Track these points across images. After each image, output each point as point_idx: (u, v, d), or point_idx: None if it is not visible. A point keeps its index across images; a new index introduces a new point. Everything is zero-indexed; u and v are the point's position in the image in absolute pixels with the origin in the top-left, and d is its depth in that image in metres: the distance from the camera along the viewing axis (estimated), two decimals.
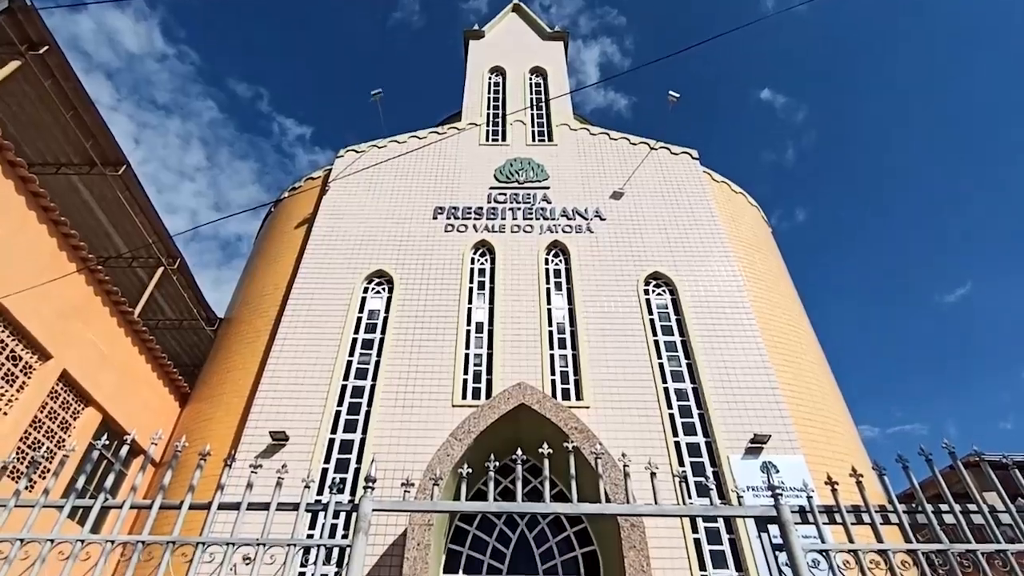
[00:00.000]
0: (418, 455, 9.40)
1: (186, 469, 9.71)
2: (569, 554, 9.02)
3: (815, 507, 3.38)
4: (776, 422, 10.26)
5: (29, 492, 7.94)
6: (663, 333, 11.91)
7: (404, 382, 10.94)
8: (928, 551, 3.11)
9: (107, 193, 11.82)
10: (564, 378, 11.18)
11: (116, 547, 3.12)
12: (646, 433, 10.15)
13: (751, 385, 10.86)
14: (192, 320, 14.55)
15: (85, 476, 3.46)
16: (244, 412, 10.68)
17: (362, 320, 12.18)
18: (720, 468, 9.76)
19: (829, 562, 3.11)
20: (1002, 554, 3.09)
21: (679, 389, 10.99)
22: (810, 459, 9.76)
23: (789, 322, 12.81)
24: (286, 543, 3.18)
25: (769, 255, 14.67)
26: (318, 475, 9.66)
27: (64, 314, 9.36)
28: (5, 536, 3.14)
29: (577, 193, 14.67)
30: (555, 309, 12.38)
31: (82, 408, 9.82)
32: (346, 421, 10.55)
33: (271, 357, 11.35)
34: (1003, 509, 3.25)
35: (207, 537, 3.20)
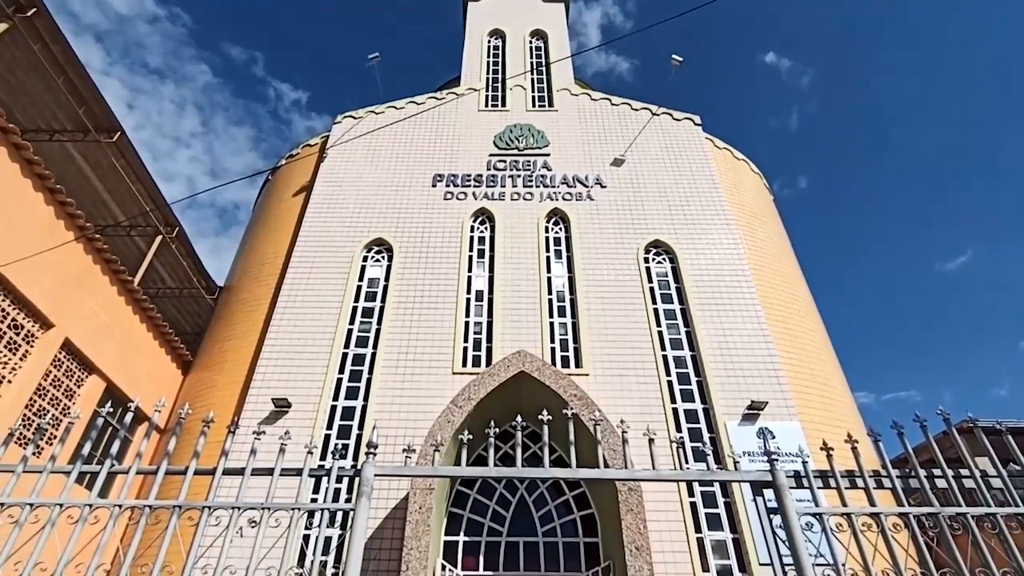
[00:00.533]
0: (419, 422, 9.52)
1: (190, 436, 9.85)
2: (568, 517, 9.23)
3: (810, 472, 3.43)
4: (773, 389, 10.36)
5: (37, 458, 8.06)
6: (663, 301, 11.94)
7: (404, 350, 11.01)
8: (919, 514, 3.18)
9: (102, 160, 11.68)
10: (564, 346, 11.25)
11: (124, 511, 3.18)
12: (645, 400, 10.27)
13: (749, 353, 10.93)
14: (192, 289, 14.56)
15: (91, 443, 3.51)
16: (246, 379, 10.78)
17: (362, 288, 12.19)
18: (717, 434, 9.91)
19: (822, 525, 3.17)
20: (991, 517, 3.15)
21: (678, 357, 11.07)
22: (806, 425, 9.89)
23: (788, 290, 12.82)
24: (290, 507, 3.24)
25: (770, 223, 14.60)
26: (321, 441, 9.81)
27: (64, 283, 9.36)
28: (15, 501, 3.20)
29: (578, 160, 14.51)
30: (555, 277, 12.38)
31: (86, 376, 9.90)
32: (347, 388, 10.66)
33: (272, 325, 11.40)
34: (995, 474, 3.30)
35: (213, 501, 3.26)
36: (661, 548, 8.34)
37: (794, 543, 3.12)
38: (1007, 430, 3.54)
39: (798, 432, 9.70)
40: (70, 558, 2.96)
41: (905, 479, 3.35)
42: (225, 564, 2.99)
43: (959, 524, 3.13)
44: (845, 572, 3.01)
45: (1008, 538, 3.06)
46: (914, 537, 3.10)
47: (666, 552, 8.46)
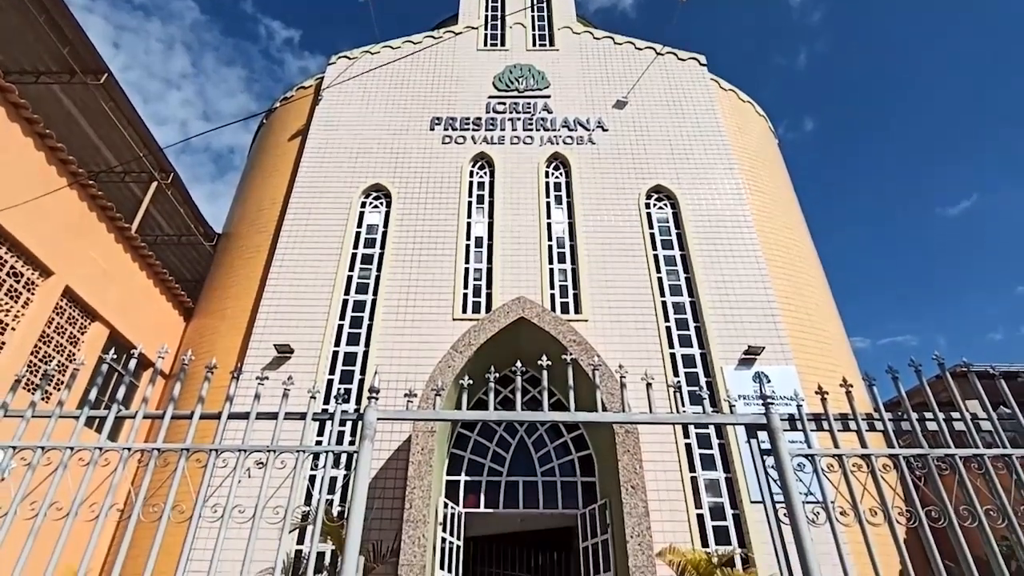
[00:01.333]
0: (420, 367, 9.67)
1: (194, 381, 10.01)
2: (566, 458, 9.50)
3: (804, 415, 3.50)
4: (771, 334, 10.47)
5: (45, 403, 8.23)
6: (663, 247, 11.90)
7: (404, 296, 11.06)
8: (908, 455, 3.26)
9: (91, 103, 11.38)
10: (563, 292, 11.29)
11: (133, 454, 3.26)
12: (643, 345, 10.39)
13: (748, 298, 10.99)
14: (190, 236, 14.48)
15: (97, 388, 3.56)
16: (248, 326, 10.88)
17: (361, 235, 12.13)
18: (714, 378, 10.07)
19: (814, 465, 3.26)
20: (979, 458, 3.23)
21: (677, 303, 11.13)
22: (802, 370, 10.05)
23: (789, 235, 12.76)
24: (295, 449, 3.32)
25: (774, 167, 14.38)
26: (324, 386, 9.99)
27: (61, 230, 9.30)
28: (27, 444, 3.27)
29: (579, 102, 14.15)
30: (555, 223, 12.30)
31: (88, 323, 9.98)
32: (349, 334, 10.76)
33: (272, 272, 11.40)
34: (985, 417, 3.37)
35: (220, 444, 3.34)
36: (656, 487, 8.63)
37: (786, 482, 3.21)
38: (1000, 374, 3.58)
39: (794, 376, 9.86)
40: (84, 498, 3.05)
41: (897, 422, 3.42)
42: (234, 503, 3.09)
43: (947, 465, 3.22)
44: (834, 509, 3.11)
45: (993, 478, 3.15)
46: (902, 477, 3.19)
47: (661, 490, 8.76)
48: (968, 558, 2.94)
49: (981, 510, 3.03)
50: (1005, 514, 3.06)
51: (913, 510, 3.07)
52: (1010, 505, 3.07)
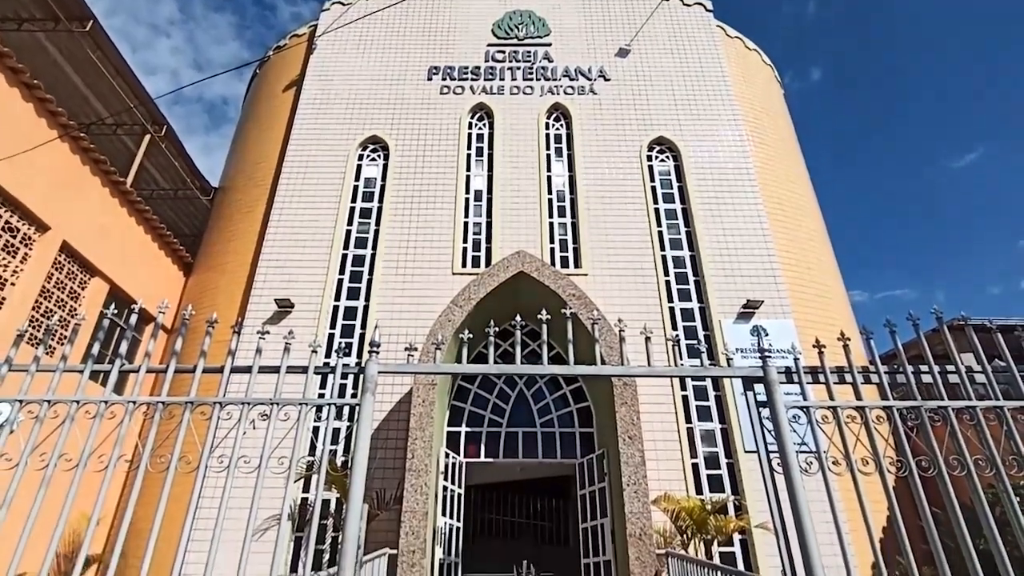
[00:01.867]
0: (420, 321, 9.72)
1: (196, 336, 10.07)
2: (565, 409, 9.68)
3: (800, 368, 3.54)
4: (770, 288, 10.49)
5: (49, 358, 8.31)
6: (664, 201, 11.79)
7: (404, 250, 11.03)
8: (902, 407, 3.31)
9: (77, 52, 11.04)
10: (563, 246, 11.25)
11: (139, 407, 3.31)
12: (642, 299, 10.43)
13: (749, 252, 10.96)
14: (187, 190, 14.30)
15: (99, 343, 3.58)
16: (248, 281, 10.89)
17: (359, 188, 11.99)
18: (712, 332, 10.16)
19: (808, 417, 3.31)
20: (971, 409, 3.28)
21: (677, 256, 11.11)
22: (800, 323, 10.12)
23: (792, 188, 12.62)
24: (298, 402, 3.37)
25: (778, 118, 14.09)
26: (325, 340, 10.07)
27: (56, 185, 9.18)
28: (33, 397, 3.32)
29: (580, 50, 13.74)
30: (555, 176, 12.15)
31: (88, 278, 9.98)
32: (349, 289, 10.78)
33: (270, 227, 11.33)
34: (980, 370, 3.40)
35: (224, 397, 3.38)
36: (652, 437, 8.81)
37: (780, 433, 3.27)
38: (996, 328, 3.60)
39: (791, 330, 9.94)
40: (92, 449, 3.12)
41: (893, 375, 3.46)
42: (240, 454, 3.15)
43: (939, 416, 3.27)
44: (827, 459, 3.18)
45: (984, 428, 3.21)
46: (895, 429, 3.25)
47: (657, 440, 8.95)
48: (955, 505, 3.02)
49: (970, 460, 3.11)
50: (993, 463, 3.13)
51: (904, 460, 3.14)
52: (999, 455, 3.13)
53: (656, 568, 7.30)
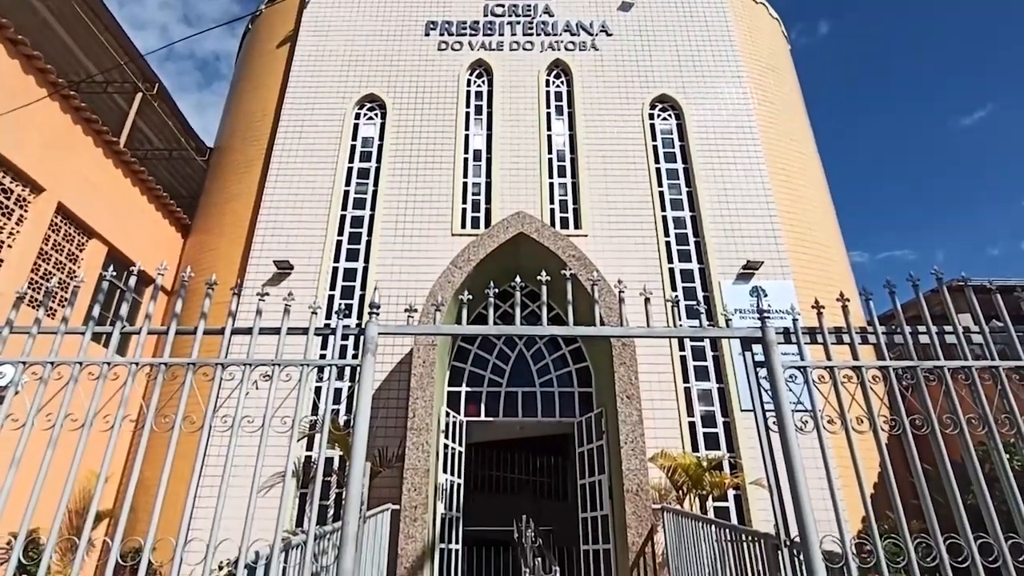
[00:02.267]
0: (419, 282, 9.72)
1: (195, 298, 10.05)
2: (564, 370, 9.78)
3: (799, 329, 3.56)
4: (770, 249, 10.47)
5: (50, 320, 8.35)
6: (665, 160, 11.65)
7: (403, 211, 10.95)
8: (898, 367, 3.34)
9: (64, 8, 10.72)
10: (563, 207, 11.17)
11: (141, 368, 3.34)
12: (642, 260, 10.42)
13: (749, 213, 10.89)
14: (181, 150, 14.09)
15: (99, 305, 3.58)
16: (247, 242, 10.85)
17: (356, 148, 11.82)
18: (711, 293, 10.18)
19: (805, 377, 3.35)
20: (966, 369, 3.31)
21: (677, 217, 11.04)
22: (799, 284, 10.13)
23: (795, 148, 12.44)
24: (299, 363, 3.40)
25: (784, 75, 13.78)
26: (324, 302, 10.10)
27: (48, 145, 9.04)
28: (37, 359, 3.34)
29: (582, 4, 13.33)
30: (555, 135, 11.96)
31: (86, 240, 9.93)
32: (348, 250, 10.75)
33: (267, 188, 11.22)
34: (977, 330, 3.42)
35: (225, 359, 3.41)
36: (650, 396, 8.92)
37: (777, 392, 3.31)
38: (996, 288, 3.61)
39: (791, 291, 9.96)
40: (97, 410, 3.16)
41: (890, 335, 3.48)
42: (243, 414, 3.20)
43: (935, 376, 3.31)
44: (822, 418, 3.23)
45: (978, 388, 3.25)
46: (890, 388, 3.29)
47: (655, 400, 9.08)
48: (946, 461, 3.09)
49: (963, 418, 3.16)
50: (985, 421, 3.18)
51: (898, 418, 3.19)
52: (991, 413, 3.18)
53: (652, 522, 7.51)
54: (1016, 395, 3.23)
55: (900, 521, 3.00)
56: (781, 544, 3.34)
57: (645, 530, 7.43)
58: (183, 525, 2.95)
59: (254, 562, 3.10)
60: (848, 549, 2.95)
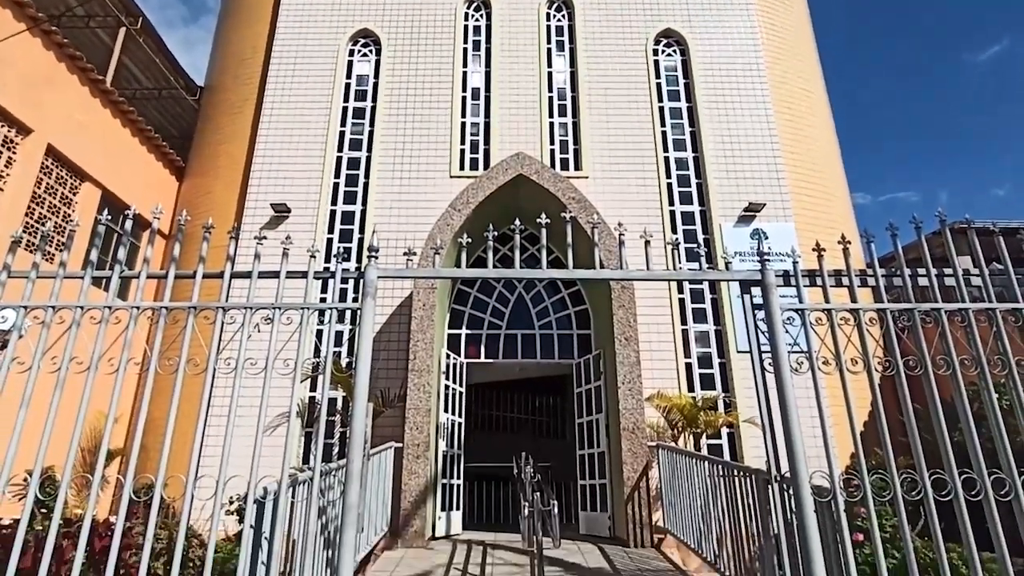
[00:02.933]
0: (418, 225, 9.65)
1: (193, 242, 10.02)
2: (563, 312, 9.86)
3: (799, 271, 3.56)
4: (772, 191, 10.34)
5: (49, 264, 8.33)
6: (669, 99, 11.33)
7: (400, 153, 10.74)
8: (895, 309, 3.36)
9: None
10: (563, 147, 10.95)
11: (143, 312, 3.36)
12: (643, 202, 10.31)
13: (753, 154, 10.69)
14: (171, 89, 13.68)
15: (97, 249, 3.56)
16: (243, 185, 10.69)
17: (351, 87, 11.47)
18: (712, 235, 10.13)
19: (803, 319, 3.37)
20: (963, 312, 3.34)
21: (679, 158, 10.84)
22: (801, 227, 10.06)
23: (802, 85, 12.07)
24: (300, 306, 3.42)
25: (794, 6, 13.19)
26: (323, 245, 10.05)
27: (32, 84, 8.77)
28: (38, 303, 3.36)
29: None
30: (556, 72, 11.58)
31: (79, 183, 9.79)
32: (345, 193, 10.61)
33: (261, 129, 10.96)
34: (977, 272, 3.42)
35: (226, 303, 3.43)
36: (648, 338, 9.03)
37: (774, 334, 3.35)
38: (999, 230, 3.58)
39: (792, 233, 9.91)
40: (101, 353, 3.19)
41: (890, 277, 3.48)
42: (246, 357, 3.24)
43: (931, 319, 3.33)
44: (817, 359, 3.27)
45: (974, 330, 3.28)
46: (887, 330, 3.32)
47: (652, 341, 9.19)
48: (937, 401, 3.15)
49: (956, 359, 3.20)
50: (978, 361, 3.23)
51: (892, 359, 3.24)
52: (985, 355, 3.23)
53: (647, 459, 7.76)
54: (1011, 337, 3.26)
55: (888, 457, 3.09)
56: (772, 479, 3.46)
57: (640, 466, 7.69)
58: (192, 463, 3.04)
59: (263, 497, 3.22)
60: (836, 484, 3.06)
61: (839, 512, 3.01)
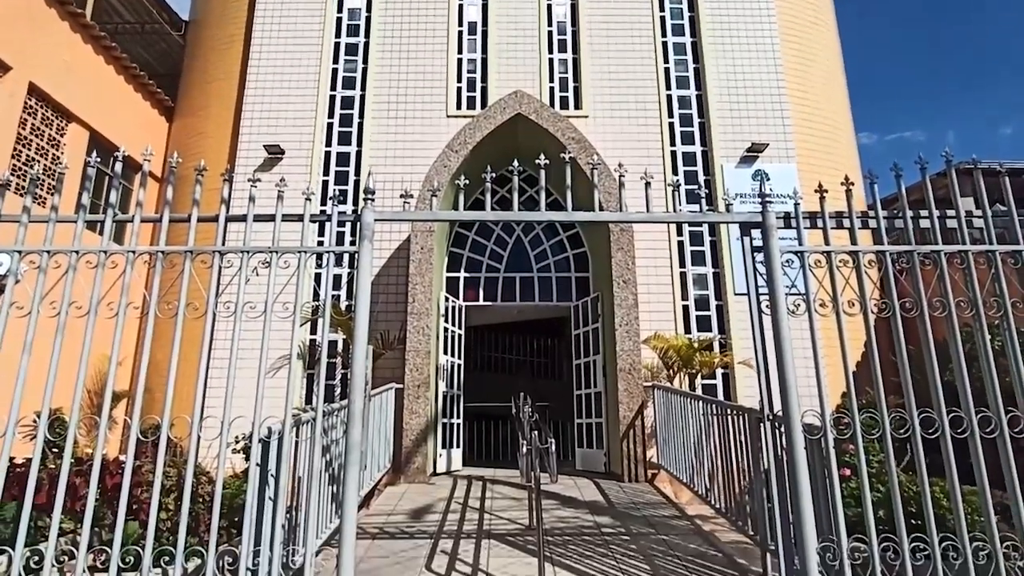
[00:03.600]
0: (415, 167, 9.48)
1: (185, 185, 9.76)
2: (561, 255, 9.84)
3: (799, 213, 3.52)
4: (776, 131, 10.12)
5: (41, 208, 8.22)
6: (673, 33, 10.90)
7: (395, 91, 10.42)
8: (894, 252, 3.35)
9: None
10: (563, 85, 10.62)
11: (139, 256, 3.34)
12: (644, 142, 10.10)
13: (758, 92, 10.39)
14: (154, 24, 13.12)
15: (88, 193, 3.50)
16: (234, 126, 10.42)
17: (343, 21, 10.99)
18: (713, 177, 9.99)
19: (802, 261, 3.37)
20: (963, 254, 3.33)
21: (682, 96, 10.54)
22: (804, 168, 9.90)
23: (811, 17, 11.59)
24: (297, 250, 3.40)
25: None
26: (319, 188, 9.89)
27: (7, 19, 8.39)
28: (34, 248, 3.33)
29: None
30: (556, 4, 11.09)
31: (65, 124, 9.53)
32: (339, 133, 10.37)
33: (251, 67, 10.58)
34: (979, 214, 3.39)
35: (223, 246, 3.40)
36: (646, 281, 9.05)
37: (772, 277, 3.35)
38: (1005, 171, 3.53)
39: (794, 174, 9.77)
40: (100, 298, 3.20)
41: (891, 219, 3.45)
42: (245, 300, 3.25)
43: (931, 261, 3.33)
44: (814, 301, 3.29)
45: (972, 272, 3.28)
46: (885, 272, 3.33)
47: (650, 284, 9.21)
48: (930, 342, 3.19)
49: (952, 301, 3.22)
50: (974, 303, 3.25)
51: (889, 301, 3.26)
52: (981, 296, 3.24)
53: (643, 398, 7.94)
54: (1009, 280, 3.27)
55: (879, 396, 3.16)
56: (764, 417, 3.55)
57: (636, 405, 7.87)
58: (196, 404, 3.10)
59: (267, 437, 3.30)
60: (827, 422, 3.14)
61: (828, 448, 3.10)
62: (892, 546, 2.96)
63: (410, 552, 4.66)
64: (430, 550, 4.73)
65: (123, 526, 2.93)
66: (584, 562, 4.41)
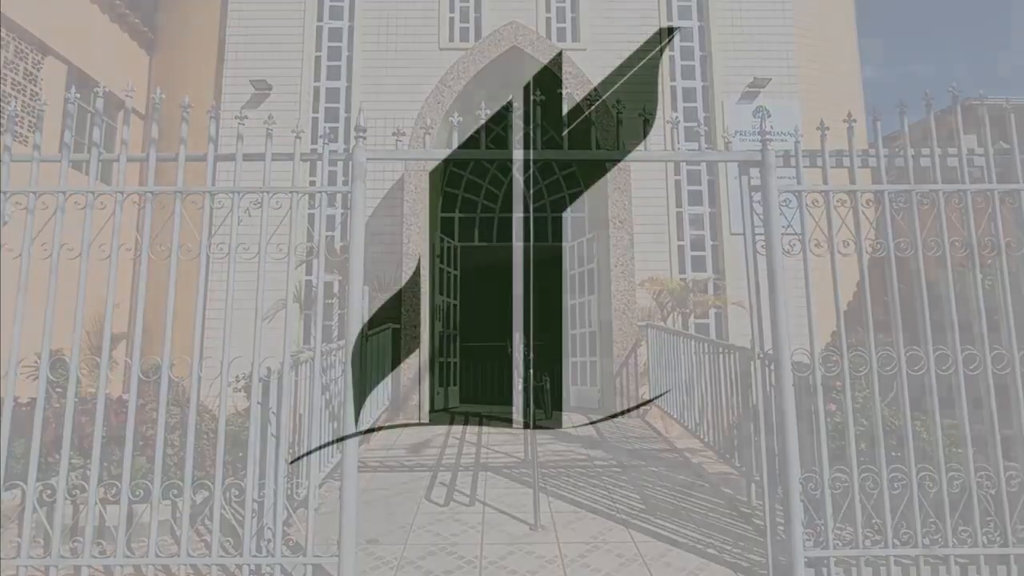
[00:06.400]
0: (407, 103, 9.18)
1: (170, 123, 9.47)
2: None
3: (799, 152, 3.47)
4: (780, 65, 9.81)
5: (23, 147, 8.00)
6: None
7: (385, 22, 9.98)
8: (893, 191, 3.32)
9: None
10: (560, 15, 10.18)
11: (128, 197, 3.28)
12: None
13: (762, 24, 9.99)
14: None
15: (71, 131, 3.40)
16: (219, 59, 10.02)
17: None
18: (712, 113, 9.76)
19: (799, 201, 3.35)
20: (961, 193, 3.31)
21: (684, 28, 10.15)
22: (807, 104, 9.65)
23: None
24: (288, 190, 3.34)
25: None
26: (308, 125, 9.63)
27: None
28: (20, 189, 3.26)
29: None
30: None
31: (41, 58, 9.13)
32: (328, 68, 10.00)
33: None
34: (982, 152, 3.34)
35: (214, 187, 3.35)
36: (642, 221, 8.98)
37: (769, 216, 3.34)
38: (1011, 108, 3.46)
39: (796, 111, 9.55)
40: (91, 239, 3.17)
41: (892, 158, 3.40)
42: (238, 241, 3.22)
43: (929, 200, 3.31)
44: (809, 241, 3.29)
45: (969, 211, 3.27)
46: (882, 212, 3.31)
47: (646, 224, 9.16)
48: (923, 281, 3.22)
49: (947, 240, 3.22)
50: (968, 242, 3.26)
51: (884, 241, 3.26)
52: (976, 235, 3.25)
53: (637, 338, 8.06)
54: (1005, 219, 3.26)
55: (869, 334, 3.21)
56: (755, 356, 3.61)
57: (630, 344, 8.01)
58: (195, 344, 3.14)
59: (267, 376, 3.35)
60: (816, 360, 3.20)
61: (816, 385, 3.18)
62: (872, 476, 3.09)
63: (410, 484, 4.85)
64: (429, 482, 4.92)
65: (131, 461, 3.02)
66: (577, 492, 4.60)
